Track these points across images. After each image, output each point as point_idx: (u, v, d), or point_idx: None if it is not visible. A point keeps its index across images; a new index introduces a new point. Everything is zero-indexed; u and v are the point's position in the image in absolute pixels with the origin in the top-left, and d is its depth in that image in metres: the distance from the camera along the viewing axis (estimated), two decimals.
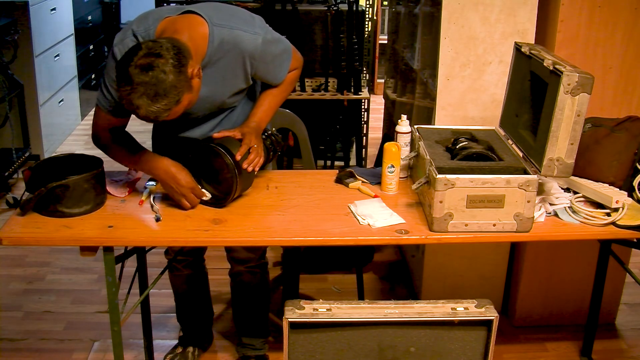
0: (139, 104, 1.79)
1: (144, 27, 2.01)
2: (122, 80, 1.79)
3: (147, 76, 1.77)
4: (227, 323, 2.97)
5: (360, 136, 4.18)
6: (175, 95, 1.81)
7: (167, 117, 1.85)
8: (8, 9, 4.32)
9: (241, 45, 2.03)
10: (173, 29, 1.96)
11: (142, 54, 1.78)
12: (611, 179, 2.15)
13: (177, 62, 1.80)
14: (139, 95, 1.78)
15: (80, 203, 2.01)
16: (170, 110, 1.84)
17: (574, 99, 1.91)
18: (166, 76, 1.78)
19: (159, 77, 1.77)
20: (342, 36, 3.82)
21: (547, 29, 2.62)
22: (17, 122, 4.36)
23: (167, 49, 1.80)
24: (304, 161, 2.81)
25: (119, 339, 2.06)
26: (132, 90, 1.78)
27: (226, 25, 2.01)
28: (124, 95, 1.80)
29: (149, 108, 1.79)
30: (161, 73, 1.77)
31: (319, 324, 1.46)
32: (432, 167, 1.98)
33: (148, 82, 1.77)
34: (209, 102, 2.11)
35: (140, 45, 1.81)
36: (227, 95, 2.14)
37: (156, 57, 1.78)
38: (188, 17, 2.01)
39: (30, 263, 3.47)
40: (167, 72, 1.78)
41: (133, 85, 1.77)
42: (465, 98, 2.65)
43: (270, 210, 2.10)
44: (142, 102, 1.78)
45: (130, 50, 1.82)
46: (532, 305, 2.97)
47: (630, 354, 2.86)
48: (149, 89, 1.77)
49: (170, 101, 1.81)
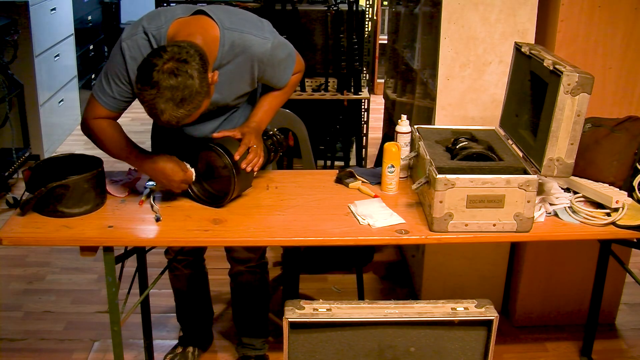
0: (164, 109, 1.78)
1: (155, 25, 1.99)
2: (146, 84, 1.78)
3: (176, 81, 1.76)
4: (227, 323, 2.97)
5: (360, 136, 4.18)
6: (200, 101, 1.82)
7: (185, 121, 1.85)
8: (8, 9, 4.31)
9: (251, 50, 2.03)
10: (187, 32, 1.94)
11: (168, 58, 1.77)
12: (611, 179, 2.15)
13: (202, 68, 1.81)
14: (165, 100, 1.77)
15: (80, 203, 2.01)
16: (191, 116, 1.84)
17: (574, 99, 1.91)
18: (193, 82, 1.78)
19: (187, 82, 1.77)
20: (342, 36, 3.82)
21: (547, 29, 2.62)
22: (17, 122, 4.36)
23: (192, 55, 1.79)
24: (304, 161, 2.81)
25: (119, 339, 2.06)
26: (157, 95, 1.77)
27: (237, 29, 2.01)
28: (148, 99, 1.78)
29: (173, 113, 1.79)
30: (189, 79, 1.77)
31: (319, 324, 1.46)
32: (432, 167, 1.98)
33: (176, 87, 1.76)
34: (213, 104, 2.10)
35: (165, 49, 1.80)
36: (232, 98, 2.14)
37: (183, 62, 1.77)
38: (200, 19, 2.00)
39: (30, 263, 3.47)
40: (195, 78, 1.78)
41: (159, 89, 1.76)
42: (465, 98, 2.65)
43: (270, 210, 2.10)
44: (168, 106, 1.78)
45: (153, 54, 1.80)
46: (532, 305, 2.97)
47: (630, 354, 2.86)
48: (175, 94, 1.77)
49: (194, 107, 1.81)
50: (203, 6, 2.03)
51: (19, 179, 4.34)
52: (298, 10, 3.78)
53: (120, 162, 2.15)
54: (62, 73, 5.09)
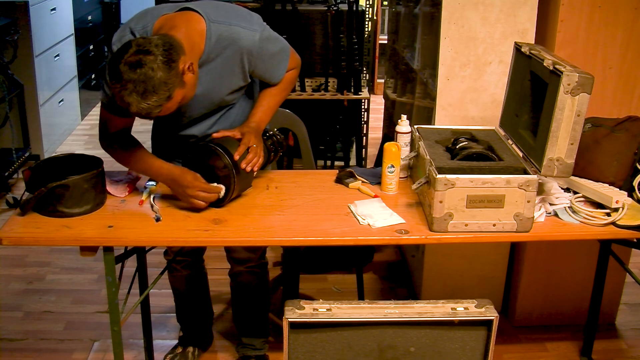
0: (130, 101, 1.80)
1: (141, 25, 2.01)
2: (113, 78, 1.81)
3: (136, 73, 1.77)
4: (227, 323, 2.97)
5: (360, 136, 4.18)
6: (166, 91, 1.82)
7: (159, 113, 1.85)
8: (8, 9, 4.32)
9: (239, 42, 2.04)
10: (170, 26, 1.96)
11: (132, 52, 1.79)
12: (611, 179, 2.15)
13: (167, 59, 1.81)
14: (129, 93, 1.79)
15: (80, 203, 2.01)
16: (162, 107, 1.84)
17: (574, 99, 1.91)
18: (154, 73, 1.78)
19: (147, 74, 1.78)
20: (342, 36, 3.82)
21: (547, 29, 2.62)
22: (17, 122, 4.36)
23: (157, 46, 1.80)
24: (304, 161, 2.81)
25: (119, 339, 2.06)
26: (122, 88, 1.79)
27: (223, 22, 2.02)
28: (116, 93, 1.81)
29: (139, 105, 1.80)
30: (149, 70, 1.78)
31: (319, 324, 1.46)
32: (432, 167, 1.98)
33: (137, 80, 1.78)
34: (207, 99, 2.11)
35: (131, 43, 1.82)
36: (225, 93, 2.14)
37: (145, 54, 1.79)
38: (185, 14, 2.01)
39: (30, 263, 3.47)
40: (156, 69, 1.79)
41: (122, 82, 1.79)
42: (465, 98, 2.65)
43: (270, 210, 2.10)
44: (132, 99, 1.79)
45: (122, 48, 1.83)
46: (532, 305, 2.97)
47: (630, 354, 2.86)
48: (138, 86, 1.78)
49: (160, 97, 1.81)
50: (190, 3, 2.04)
51: (19, 179, 4.34)
52: (298, 10, 3.78)
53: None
54: (62, 73, 5.09)
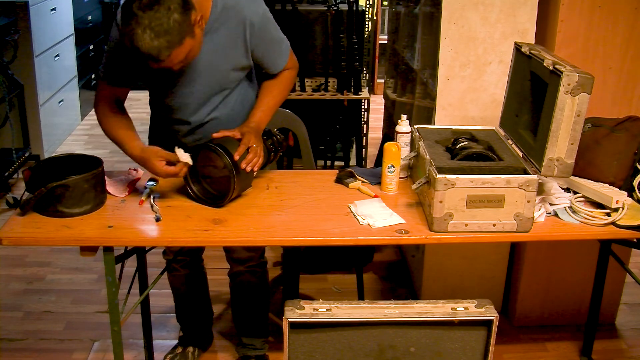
0: (142, 39, 1.81)
1: None
2: (126, 18, 1.82)
3: (153, 10, 1.80)
4: (227, 323, 2.97)
5: (360, 136, 4.18)
6: (179, 34, 1.84)
7: (168, 57, 1.86)
8: (8, 9, 4.31)
9: (243, 12, 2.08)
10: None
11: None
12: (611, 179, 2.15)
13: (183, 4, 1.84)
14: (143, 29, 1.80)
15: (80, 203, 2.01)
16: (172, 50, 1.85)
17: (574, 99, 1.91)
18: (170, 13, 1.81)
19: (163, 12, 1.80)
20: (342, 36, 3.82)
21: (547, 29, 2.62)
22: (17, 122, 4.36)
23: None
24: (304, 161, 2.81)
25: (119, 339, 2.06)
26: (136, 24, 1.80)
27: None
28: (127, 32, 1.82)
29: (151, 43, 1.81)
30: (166, 9, 1.81)
31: (319, 324, 1.46)
32: (432, 167, 1.98)
33: (152, 16, 1.79)
34: (210, 73, 2.13)
35: None
36: (228, 69, 2.16)
37: None
38: None
39: (30, 263, 3.47)
40: (172, 10, 1.81)
41: (138, 19, 1.79)
42: (465, 98, 2.65)
43: (270, 210, 2.10)
44: (146, 36, 1.80)
45: None
46: (532, 305, 2.97)
47: (630, 354, 2.85)
48: (153, 22, 1.80)
49: (172, 39, 1.83)
50: None
51: (19, 179, 4.34)
52: (298, 10, 3.78)
53: (121, 162, 2.15)
54: (62, 73, 5.09)
